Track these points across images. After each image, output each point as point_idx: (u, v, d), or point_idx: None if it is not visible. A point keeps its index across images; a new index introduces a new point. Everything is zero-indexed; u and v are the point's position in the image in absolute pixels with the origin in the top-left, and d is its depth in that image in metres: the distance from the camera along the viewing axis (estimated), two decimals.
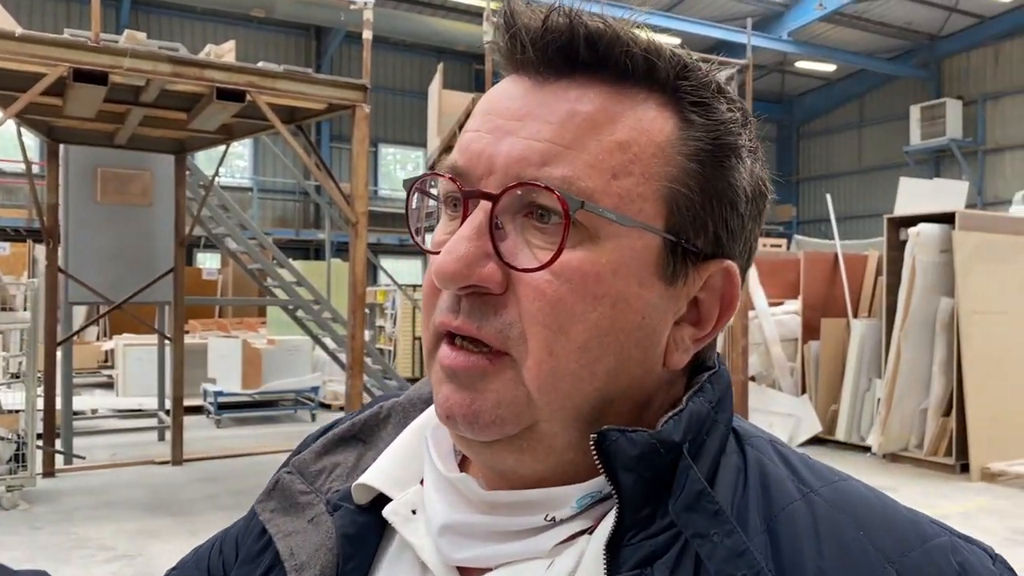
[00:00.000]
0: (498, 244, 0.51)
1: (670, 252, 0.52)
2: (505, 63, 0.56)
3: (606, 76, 0.53)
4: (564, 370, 0.51)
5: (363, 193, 5.64)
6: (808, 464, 0.56)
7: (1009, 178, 20.08)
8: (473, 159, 0.53)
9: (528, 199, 0.51)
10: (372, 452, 0.64)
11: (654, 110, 0.53)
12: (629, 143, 0.51)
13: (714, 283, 0.55)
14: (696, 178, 0.53)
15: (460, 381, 0.52)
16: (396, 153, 21.45)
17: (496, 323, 0.51)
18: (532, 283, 0.50)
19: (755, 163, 0.56)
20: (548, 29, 0.52)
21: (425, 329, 0.56)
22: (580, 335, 0.50)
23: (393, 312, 13.82)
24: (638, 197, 0.51)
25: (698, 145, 0.53)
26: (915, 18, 19.63)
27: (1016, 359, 7.25)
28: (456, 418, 0.52)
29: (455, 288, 0.51)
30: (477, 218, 0.52)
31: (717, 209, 0.53)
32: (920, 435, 7.45)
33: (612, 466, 0.51)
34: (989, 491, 6.53)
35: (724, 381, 0.56)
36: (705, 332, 0.55)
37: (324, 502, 0.61)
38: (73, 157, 7.18)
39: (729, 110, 0.54)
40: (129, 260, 7.41)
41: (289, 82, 5.44)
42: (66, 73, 4.84)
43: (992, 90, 20.52)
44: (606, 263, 0.50)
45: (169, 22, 18.15)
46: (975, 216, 7.81)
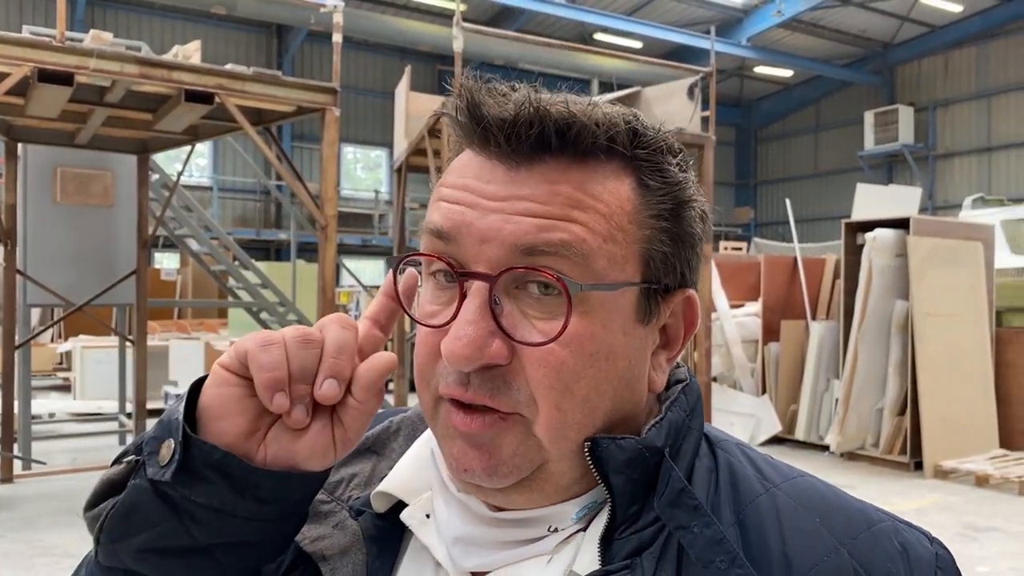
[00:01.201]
0: (500, 320, 0.56)
1: (645, 297, 0.59)
2: (468, 143, 0.59)
3: (572, 156, 0.57)
4: (571, 420, 0.57)
5: (332, 196, 5.63)
6: (771, 463, 0.65)
7: (958, 183, 20.69)
8: (460, 229, 0.57)
9: (526, 278, 0.56)
10: (385, 463, 0.70)
11: (614, 180, 0.58)
12: (609, 215, 0.57)
13: (678, 309, 0.63)
14: (667, 232, 0.60)
15: (473, 440, 0.58)
16: (357, 152, 21.31)
17: (508, 393, 0.57)
18: (537, 353, 0.56)
19: (701, 205, 0.63)
20: (520, 123, 0.55)
21: (424, 391, 0.60)
22: (582, 390, 0.57)
23: (357, 313, 13.75)
24: (622, 260, 0.58)
25: (662, 206, 0.59)
26: (869, 26, 20.12)
27: (967, 360, 7.49)
28: (475, 472, 0.58)
29: (467, 369, 0.56)
30: (476, 300, 0.56)
31: (683, 253, 0.61)
32: (876, 434, 7.66)
33: (604, 470, 0.58)
34: (942, 488, 6.74)
35: (695, 392, 0.65)
36: (675, 351, 0.64)
37: (347, 509, 0.67)
38: (32, 156, 7.03)
39: (678, 165, 0.61)
40: (89, 261, 7.28)
41: (258, 84, 5.41)
42: (30, 73, 4.76)
43: (942, 97, 21.12)
44: (598, 323, 0.57)
45: (127, 18, 17.80)
46: (929, 221, 8.06)
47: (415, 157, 7.36)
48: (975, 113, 20.55)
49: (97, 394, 9.81)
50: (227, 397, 0.56)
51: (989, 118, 20.29)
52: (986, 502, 6.33)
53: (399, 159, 7.71)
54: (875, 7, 18.89)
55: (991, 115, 20.25)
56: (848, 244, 7.96)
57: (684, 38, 17.86)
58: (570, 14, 17.23)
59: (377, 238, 19.43)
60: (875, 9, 19.01)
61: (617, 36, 18.85)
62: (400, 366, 8.39)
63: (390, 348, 12.84)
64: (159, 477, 0.55)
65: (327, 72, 17.94)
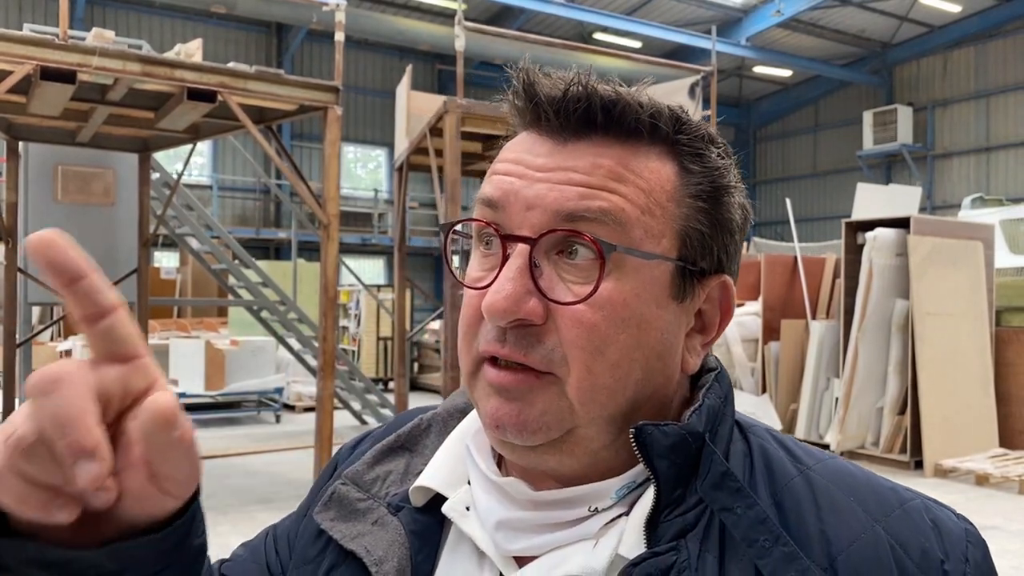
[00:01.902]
0: (538, 281, 0.59)
1: (680, 275, 0.61)
2: (522, 123, 0.64)
3: (617, 135, 0.61)
4: (601, 384, 0.59)
5: (334, 195, 5.63)
6: (801, 447, 0.67)
7: (956, 182, 20.71)
8: (508, 197, 0.61)
9: (564, 239, 0.59)
10: (418, 459, 0.72)
11: (657, 161, 0.61)
12: (648, 190, 0.60)
13: (714, 295, 0.65)
14: (704, 214, 0.62)
15: (508, 394, 0.60)
16: (357, 151, 21.30)
17: (540, 350, 0.59)
18: (570, 313, 0.58)
19: (741, 195, 0.65)
20: (569, 99, 0.60)
21: (466, 354, 0.63)
22: (613, 354, 0.59)
23: (357, 312, 13.75)
24: (659, 234, 0.60)
25: (701, 188, 0.62)
26: (868, 26, 20.13)
27: (967, 359, 7.51)
28: (506, 427, 0.60)
29: (504, 323, 0.59)
30: (518, 260, 0.59)
31: (720, 237, 0.63)
32: (876, 433, 7.68)
33: (648, 455, 0.59)
34: (942, 487, 6.76)
35: (727, 380, 0.66)
36: (710, 337, 0.65)
37: (385, 505, 0.68)
38: (33, 155, 7.03)
39: (719, 156, 0.64)
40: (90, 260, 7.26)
41: (260, 83, 5.41)
42: (33, 71, 4.76)
43: (941, 97, 21.14)
44: (630, 291, 0.59)
45: (127, 17, 17.78)
46: (929, 221, 8.07)
47: (416, 156, 7.36)
48: (974, 113, 20.57)
49: None
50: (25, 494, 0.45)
51: (988, 118, 20.31)
52: (986, 501, 6.35)
53: (399, 158, 7.71)
54: (874, 7, 18.90)
55: (990, 115, 20.27)
56: (848, 243, 7.97)
57: (683, 38, 17.86)
58: (570, 13, 17.23)
59: (377, 237, 19.42)
60: (874, 9, 19.03)
61: (616, 36, 18.85)
62: (400, 365, 8.39)
63: (388, 348, 12.84)
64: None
65: (327, 72, 17.94)
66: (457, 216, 6.08)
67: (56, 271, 0.45)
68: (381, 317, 13.19)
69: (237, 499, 6.14)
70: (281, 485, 6.59)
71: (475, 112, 6.20)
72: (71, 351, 11.43)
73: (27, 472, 0.44)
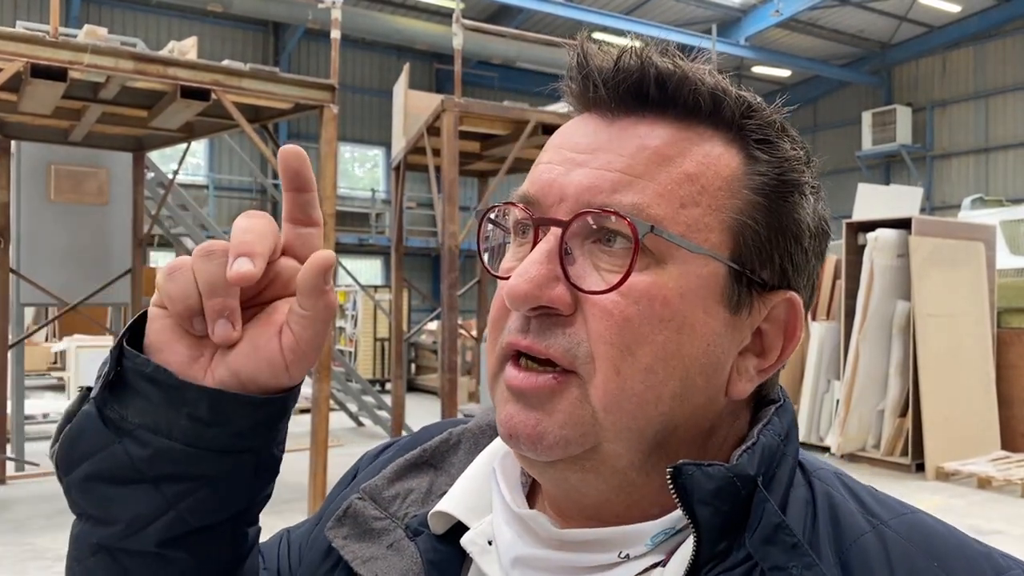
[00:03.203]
0: (567, 268, 0.52)
1: (735, 281, 0.53)
2: (576, 102, 0.58)
3: (674, 114, 0.54)
4: (630, 390, 0.52)
5: (330, 195, 5.56)
6: (875, 496, 0.58)
7: (956, 183, 20.69)
8: (544, 188, 0.55)
9: (597, 225, 0.53)
10: (444, 478, 0.65)
11: (720, 146, 0.54)
12: (697, 175, 0.53)
13: (778, 314, 0.56)
14: (762, 211, 0.54)
15: (527, 401, 0.53)
16: (354, 151, 21.24)
17: (563, 341, 0.52)
18: (600, 303, 0.52)
19: (818, 201, 0.57)
20: (620, 69, 0.54)
21: (491, 351, 0.57)
22: (646, 356, 0.51)
23: (354, 313, 13.68)
24: (704, 227, 0.53)
25: (763, 180, 0.54)
26: (867, 26, 20.10)
27: (969, 361, 7.46)
28: (520, 438, 0.53)
29: (526, 309, 0.53)
30: (547, 243, 0.53)
31: (782, 242, 0.55)
32: (877, 435, 7.62)
33: (688, 500, 0.51)
34: (944, 490, 6.71)
35: (789, 415, 0.58)
36: (769, 363, 0.56)
37: (403, 527, 0.62)
38: (26, 154, 6.96)
39: (792, 148, 0.56)
40: (84, 260, 7.21)
41: (255, 81, 5.34)
42: (23, 68, 4.69)
43: (940, 98, 21.12)
44: (673, 287, 0.52)
45: (122, 15, 17.71)
46: (930, 222, 8.02)
47: (413, 155, 7.30)
48: (973, 113, 20.54)
49: None
50: (160, 329, 0.54)
51: (987, 118, 20.29)
52: (989, 504, 6.29)
53: (397, 157, 7.64)
54: (873, 7, 18.87)
55: (989, 115, 20.25)
56: (849, 244, 7.92)
57: (682, 37, 17.81)
58: (568, 13, 17.19)
59: (374, 237, 19.36)
60: (873, 9, 19.00)
61: (615, 35, 18.82)
62: (397, 366, 8.31)
63: (385, 349, 12.78)
64: (97, 396, 0.53)
65: (324, 71, 17.87)
66: (456, 216, 6.01)
67: (291, 177, 0.56)
68: (378, 318, 13.13)
69: None
70: (277, 488, 6.46)
71: (473, 111, 6.14)
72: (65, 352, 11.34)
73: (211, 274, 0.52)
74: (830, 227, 0.59)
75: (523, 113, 6.54)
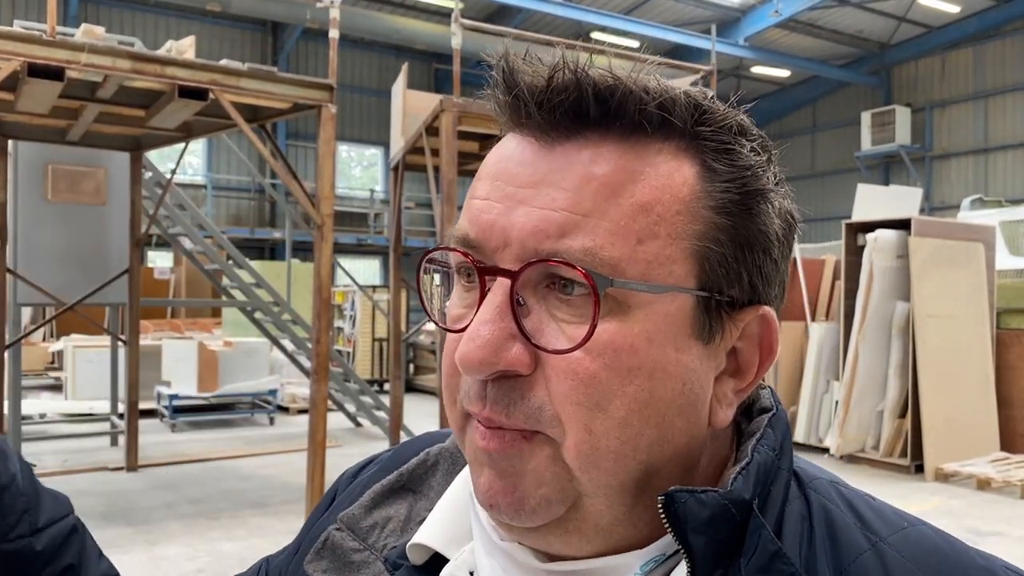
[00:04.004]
0: (522, 322, 0.48)
1: (704, 309, 0.50)
2: (506, 121, 0.52)
3: (619, 131, 0.49)
4: (606, 448, 0.48)
5: (329, 195, 5.54)
6: (873, 507, 0.55)
7: (955, 184, 20.68)
8: (486, 231, 0.50)
9: (549, 271, 0.48)
10: (423, 502, 0.62)
11: (672, 160, 0.50)
12: (652, 204, 0.48)
13: (751, 330, 0.53)
14: (726, 231, 0.50)
15: (499, 466, 0.50)
16: (352, 151, 21.21)
17: (525, 408, 0.49)
18: (562, 363, 0.48)
19: (782, 198, 0.54)
20: (554, 89, 0.49)
21: (451, 408, 0.53)
22: (618, 411, 0.48)
23: (352, 313, 13.65)
24: (667, 260, 0.48)
25: (725, 196, 0.50)
26: (866, 27, 20.09)
27: (968, 362, 7.44)
28: (501, 507, 0.50)
29: (482, 377, 0.49)
30: (497, 297, 0.49)
31: (750, 257, 0.51)
32: (876, 437, 7.61)
33: (682, 528, 0.48)
34: (943, 491, 6.69)
35: (783, 424, 0.55)
36: (747, 382, 0.53)
37: (382, 560, 0.59)
38: (23, 153, 6.93)
39: (753, 151, 0.52)
40: (81, 260, 7.19)
41: (253, 80, 5.31)
42: (20, 68, 4.66)
43: (939, 98, 21.11)
44: (639, 332, 0.48)
45: (120, 15, 17.68)
46: (930, 222, 8.01)
47: (412, 155, 7.28)
48: (972, 114, 20.54)
49: (89, 394, 9.70)
50: None
51: (986, 119, 20.29)
52: (988, 506, 6.28)
53: (395, 157, 7.62)
54: (872, 7, 18.87)
55: (988, 116, 20.25)
56: (849, 245, 7.90)
57: (682, 37, 17.80)
58: (567, 13, 17.17)
59: (372, 237, 19.34)
60: (872, 9, 18.99)
61: (614, 35, 18.79)
62: (396, 367, 8.30)
63: (384, 350, 12.75)
64: None
65: (323, 70, 17.84)
66: (454, 217, 5.98)
67: None
68: (376, 318, 13.10)
69: (229, 503, 6.05)
70: (274, 489, 6.50)
71: (472, 111, 6.12)
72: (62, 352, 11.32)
73: None
74: (795, 218, 0.55)
75: None
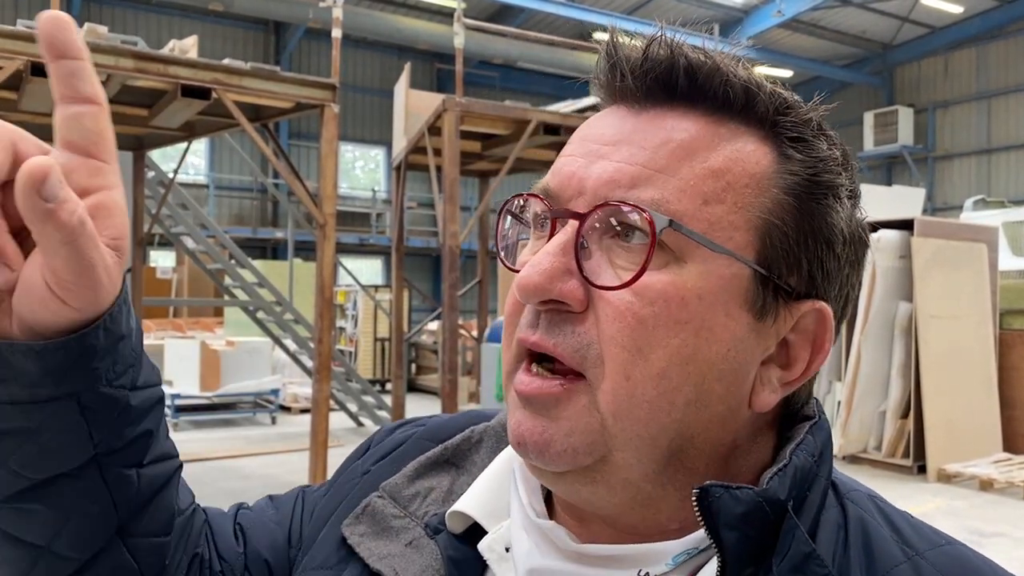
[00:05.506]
0: (582, 262, 0.50)
1: (760, 285, 0.51)
2: (604, 94, 0.56)
3: (705, 107, 0.52)
4: (641, 397, 0.49)
5: (331, 194, 5.55)
6: (911, 523, 0.55)
7: (957, 184, 20.67)
8: (564, 181, 0.53)
9: (615, 219, 0.50)
10: (465, 477, 0.64)
11: (752, 144, 0.52)
12: (723, 171, 0.51)
13: (806, 325, 0.53)
14: (791, 213, 0.52)
15: (534, 407, 0.52)
16: (355, 151, 21.22)
17: (573, 341, 0.50)
18: (613, 303, 0.49)
19: (855, 207, 0.55)
20: (648, 59, 0.53)
21: (507, 349, 0.55)
22: (660, 361, 0.49)
23: (354, 313, 13.66)
24: (729, 225, 0.50)
25: (795, 180, 0.52)
26: (869, 27, 20.08)
27: (971, 362, 7.44)
28: (527, 446, 0.51)
29: (535, 301, 0.51)
30: (563, 236, 0.51)
31: (812, 247, 0.52)
32: (879, 437, 7.60)
33: (714, 523, 0.49)
34: (946, 492, 6.69)
35: (824, 432, 0.55)
36: (793, 376, 0.53)
37: (423, 526, 0.60)
38: None
39: (829, 149, 0.54)
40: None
41: (256, 80, 5.32)
42: (24, 67, 4.68)
43: (942, 98, 21.10)
44: (692, 288, 0.49)
45: (123, 14, 17.70)
46: (933, 223, 8.01)
47: (414, 155, 7.28)
48: (975, 114, 20.52)
49: None
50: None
51: (989, 119, 20.27)
52: (991, 507, 6.27)
53: (398, 157, 7.63)
54: (875, 8, 18.86)
55: (991, 116, 20.23)
56: None
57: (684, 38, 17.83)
58: (569, 12, 17.17)
59: (375, 237, 19.35)
60: (875, 10, 18.98)
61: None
62: (398, 367, 8.30)
63: (386, 349, 12.76)
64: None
65: (325, 70, 17.85)
66: (456, 216, 5.99)
67: (48, 44, 0.46)
68: (379, 318, 13.11)
69: (231, 502, 6.04)
70: (276, 488, 6.47)
71: (474, 111, 6.12)
72: None
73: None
74: (867, 235, 0.56)
75: (524, 113, 6.52)
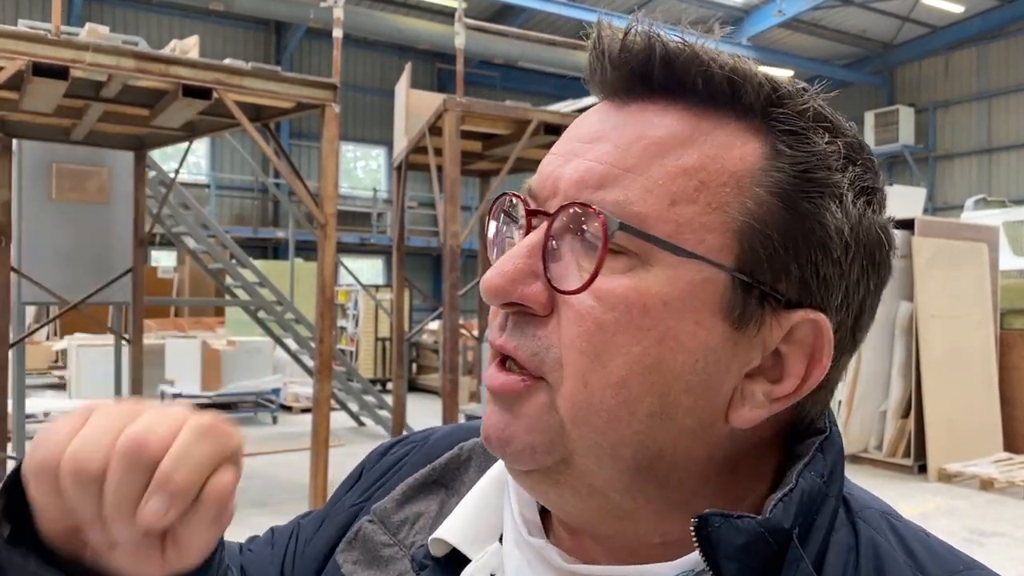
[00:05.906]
0: (549, 265, 0.49)
1: (742, 292, 0.47)
2: (595, 89, 0.54)
3: (687, 100, 0.49)
4: (599, 405, 0.47)
5: (332, 194, 5.55)
6: (927, 545, 0.52)
7: (958, 184, 20.66)
8: (543, 181, 0.52)
9: (581, 221, 0.49)
10: (455, 499, 0.62)
11: (735, 135, 0.48)
12: (697, 169, 0.47)
13: (802, 336, 0.49)
14: (776, 214, 0.47)
15: (500, 403, 0.51)
16: (356, 151, 21.22)
17: (533, 344, 0.49)
18: (575, 307, 0.48)
19: (866, 206, 0.49)
20: (625, 49, 0.50)
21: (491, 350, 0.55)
22: (619, 369, 0.47)
23: (355, 313, 13.66)
24: (700, 227, 0.47)
25: (780, 178, 0.47)
26: (869, 26, 20.07)
27: (972, 362, 7.44)
28: (491, 440, 0.51)
29: (498, 304, 0.50)
30: (533, 237, 0.50)
31: (804, 252, 0.47)
32: (879, 437, 7.60)
33: (714, 553, 0.46)
34: (946, 492, 6.69)
35: (836, 448, 0.51)
36: (785, 391, 0.49)
37: (409, 558, 0.59)
38: (27, 152, 6.94)
39: (829, 142, 0.49)
40: (85, 259, 7.20)
41: (257, 80, 5.32)
42: (25, 67, 4.67)
43: (942, 98, 21.08)
44: (656, 293, 0.47)
45: (124, 14, 17.70)
46: (933, 223, 8.00)
47: (415, 155, 7.28)
48: (975, 114, 20.51)
49: (93, 393, 9.72)
50: (46, 503, 0.48)
51: (989, 119, 20.26)
52: (991, 506, 6.28)
53: (399, 157, 7.63)
54: (876, 7, 18.84)
55: (991, 116, 20.22)
56: None
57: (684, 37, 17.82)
58: (570, 12, 17.15)
59: (375, 237, 19.35)
60: (876, 9, 18.97)
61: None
62: (398, 366, 8.30)
63: (387, 349, 12.76)
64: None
65: (326, 70, 17.86)
66: (457, 216, 5.99)
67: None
68: (379, 317, 13.11)
69: None
70: (277, 488, 6.51)
71: (475, 111, 6.12)
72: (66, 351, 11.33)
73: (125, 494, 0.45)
74: (887, 237, 0.50)
75: (525, 113, 6.52)
